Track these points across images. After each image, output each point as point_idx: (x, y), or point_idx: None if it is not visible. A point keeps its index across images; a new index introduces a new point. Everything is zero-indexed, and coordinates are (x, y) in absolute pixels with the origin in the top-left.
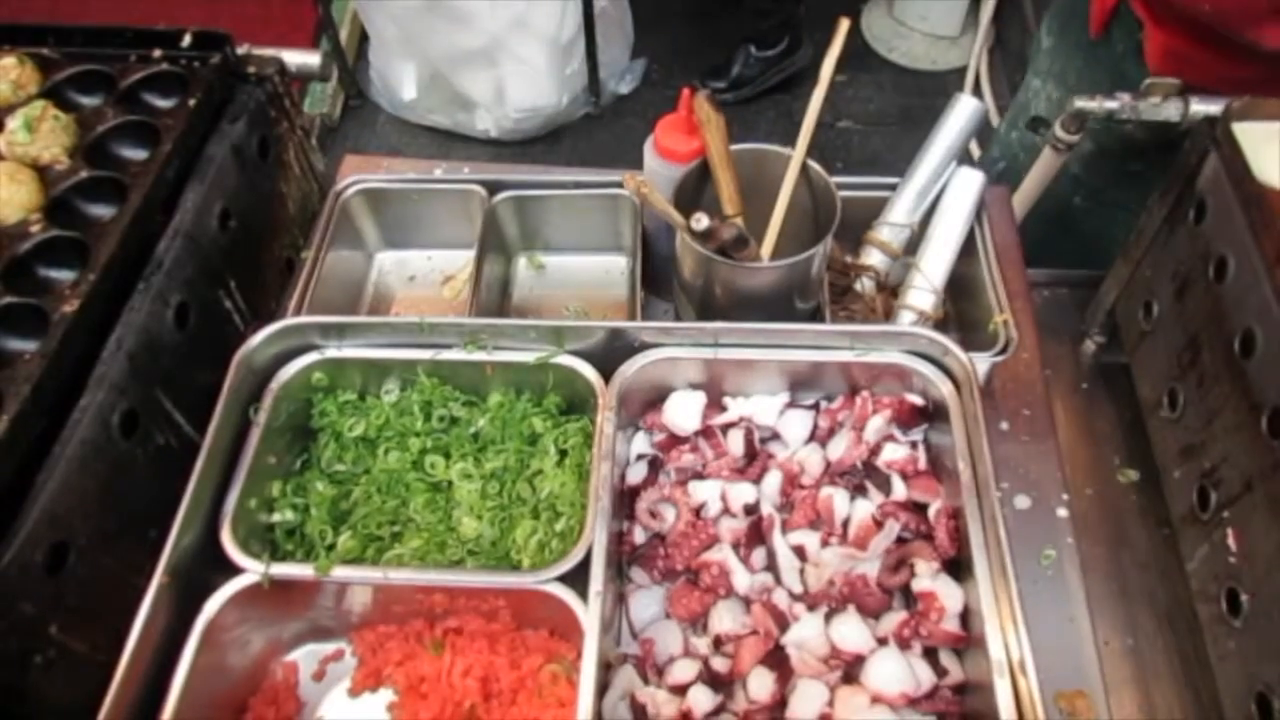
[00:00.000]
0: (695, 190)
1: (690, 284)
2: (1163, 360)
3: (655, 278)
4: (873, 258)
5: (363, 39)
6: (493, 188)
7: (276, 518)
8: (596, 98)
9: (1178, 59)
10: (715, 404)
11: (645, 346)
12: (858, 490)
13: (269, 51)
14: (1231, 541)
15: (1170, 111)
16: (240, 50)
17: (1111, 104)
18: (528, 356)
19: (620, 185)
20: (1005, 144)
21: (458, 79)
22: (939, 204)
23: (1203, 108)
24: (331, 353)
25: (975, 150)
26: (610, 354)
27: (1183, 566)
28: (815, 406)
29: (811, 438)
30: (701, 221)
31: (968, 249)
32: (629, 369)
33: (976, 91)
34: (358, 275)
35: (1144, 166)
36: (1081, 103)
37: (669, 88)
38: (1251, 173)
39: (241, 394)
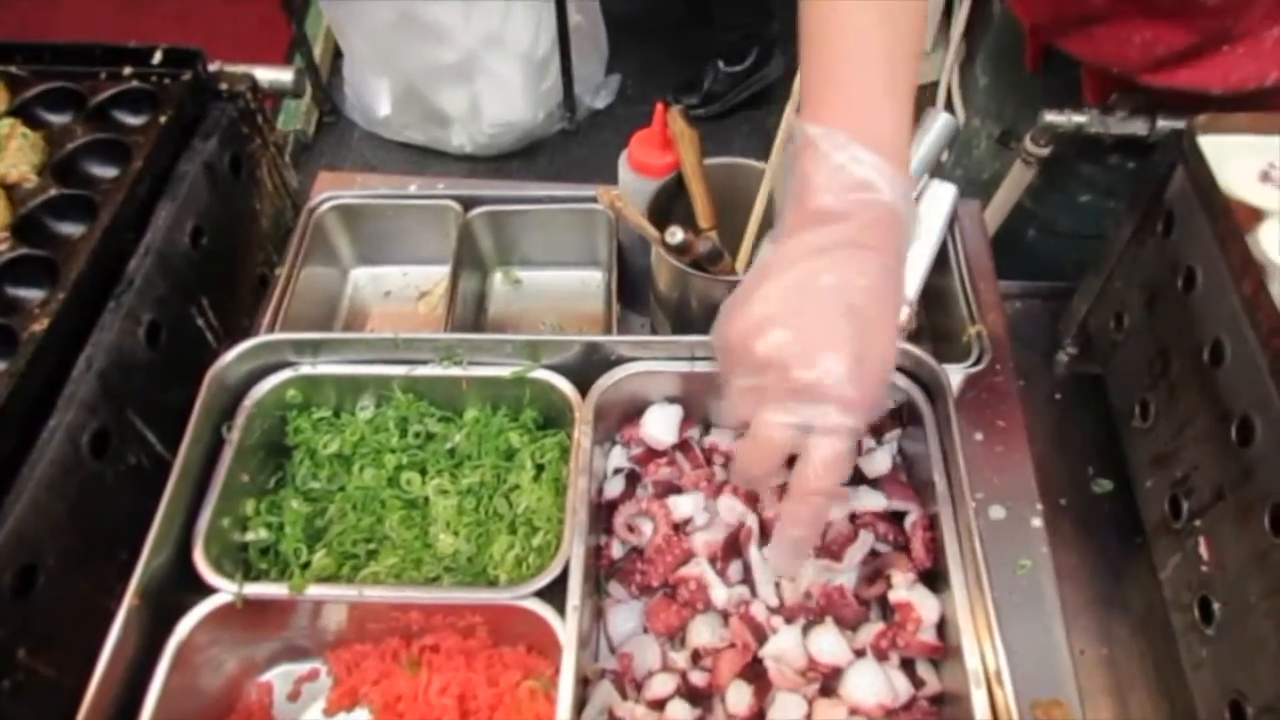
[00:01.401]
0: (669, 204)
1: (666, 298)
2: (1134, 370)
3: (631, 292)
4: None
5: (337, 55)
6: (468, 203)
7: (250, 536)
8: (572, 113)
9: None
10: (693, 417)
11: (622, 360)
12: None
13: (241, 68)
14: (1203, 550)
15: (1138, 126)
16: (212, 67)
17: (1080, 118)
18: (504, 371)
19: (595, 200)
20: (969, 165)
21: (433, 95)
22: None
23: (1169, 122)
24: (306, 369)
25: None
26: (587, 368)
27: (1156, 575)
28: None
29: None
30: (676, 235)
31: (941, 261)
32: (606, 383)
33: (949, 105)
34: (332, 291)
35: (1093, 196)
36: (1051, 116)
37: (644, 103)
38: (1217, 185)
39: (214, 412)
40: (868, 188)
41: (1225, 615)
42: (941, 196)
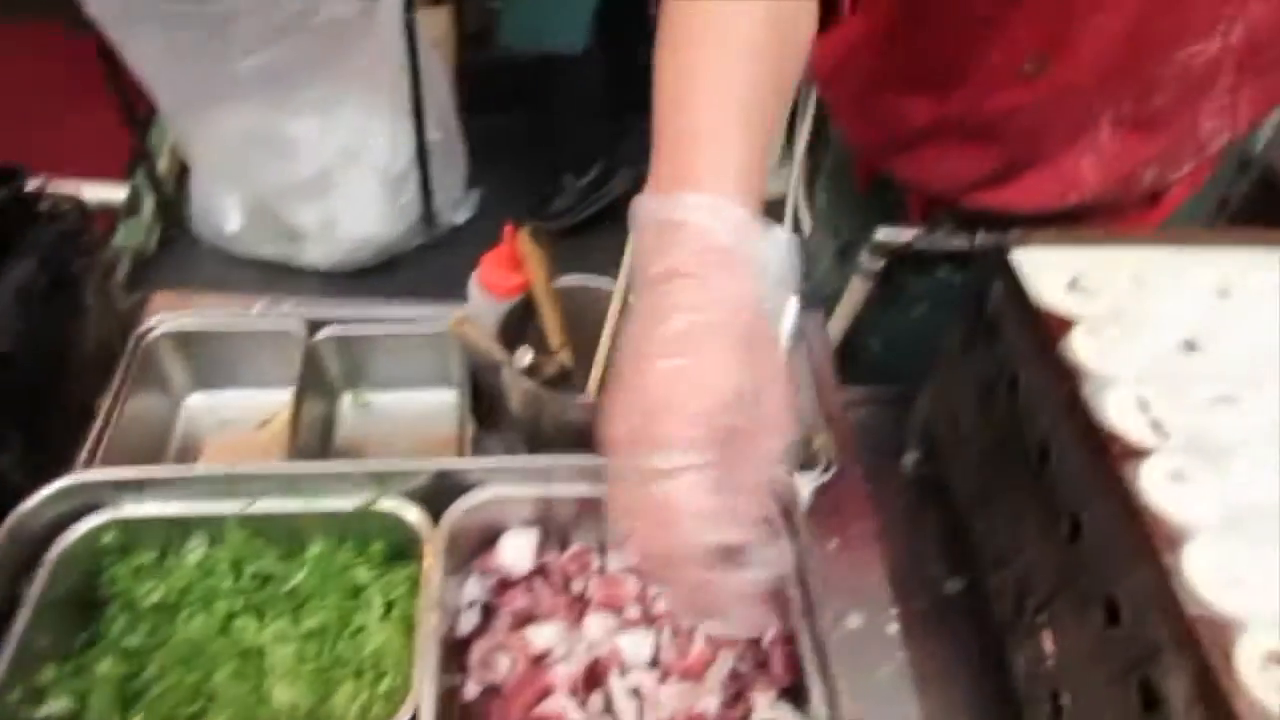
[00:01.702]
0: (522, 324)
1: (520, 419)
2: (973, 472)
3: (486, 413)
4: None
5: (184, 168)
6: (314, 324)
7: (45, 710)
8: (431, 227)
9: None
10: (550, 542)
11: (475, 485)
12: None
13: (68, 185)
14: (1048, 644)
15: (960, 242)
16: (35, 183)
17: (909, 234)
18: (350, 503)
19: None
20: (813, 281)
21: (286, 210)
22: None
23: (987, 238)
24: (128, 511)
25: None
26: (439, 495)
27: (1010, 671)
28: None
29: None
30: (524, 357)
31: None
32: (458, 510)
33: (796, 217)
34: (162, 422)
35: (927, 308)
36: (882, 233)
37: (504, 217)
38: (1030, 297)
39: (10, 566)
40: (684, 229)
41: (1074, 707)
42: (786, 309)
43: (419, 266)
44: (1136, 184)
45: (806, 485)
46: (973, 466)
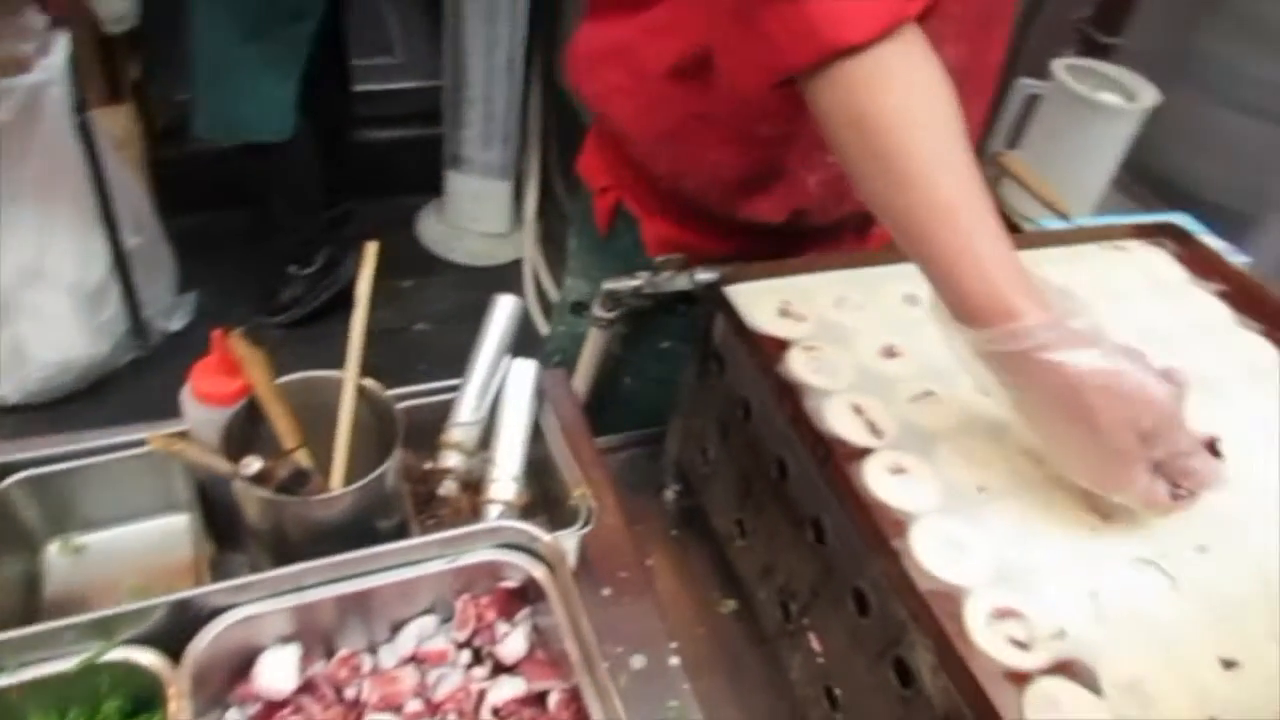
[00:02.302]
0: (250, 429)
1: (260, 530)
2: (726, 497)
3: (224, 531)
4: (450, 460)
5: None
6: (3, 470)
7: None
8: (143, 340)
9: (671, 245)
10: (313, 653)
11: (219, 611)
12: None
13: None
14: (815, 644)
15: (682, 282)
16: None
17: (634, 282)
18: (69, 663)
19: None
20: (557, 336)
21: None
22: (501, 397)
23: (706, 275)
24: None
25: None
26: (180, 630)
27: (788, 678)
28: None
29: (413, 658)
30: (251, 465)
31: (538, 433)
32: (202, 642)
33: (536, 279)
34: None
35: (673, 342)
36: (610, 284)
37: (227, 318)
38: (747, 326)
39: None
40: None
41: (846, 699)
42: (523, 372)
43: (134, 385)
44: (849, 200)
45: (570, 540)
46: (724, 492)
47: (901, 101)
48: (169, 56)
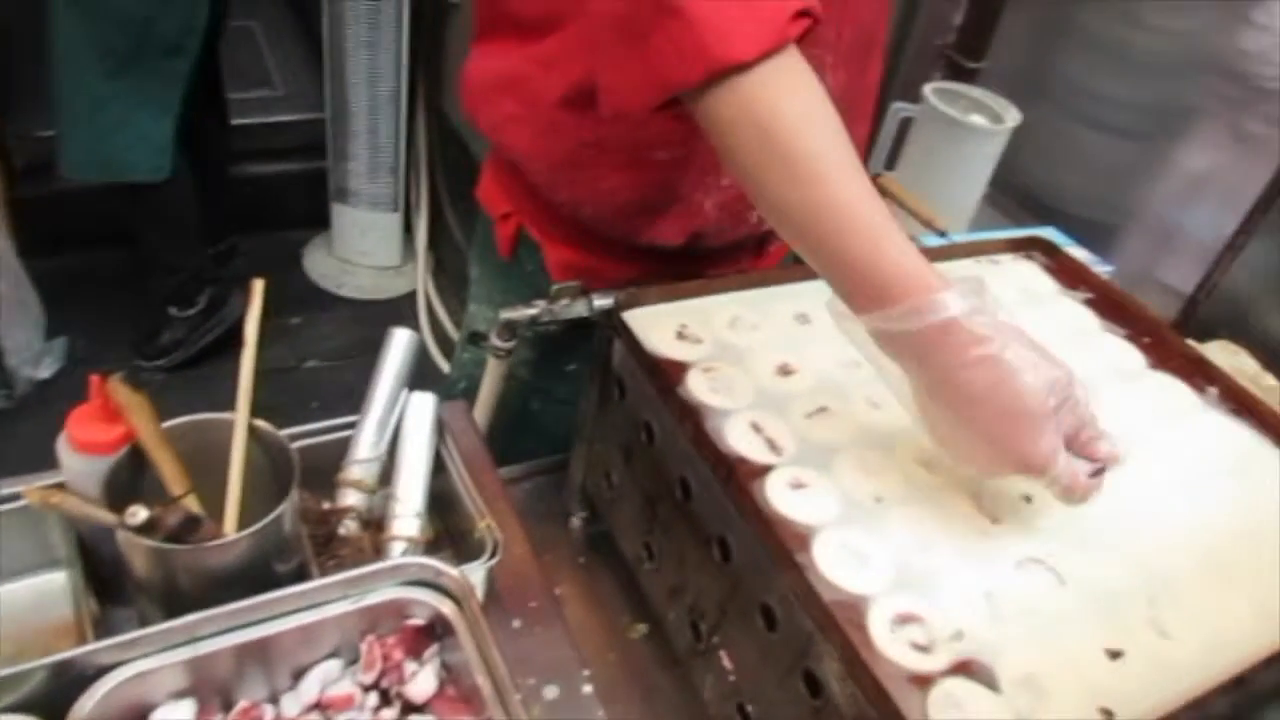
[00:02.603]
0: (134, 478)
1: (149, 582)
2: (632, 520)
3: (108, 586)
4: (350, 498)
5: None
6: None
7: None
8: (8, 390)
9: (574, 270)
10: (210, 707)
11: (105, 670)
12: None
13: None
14: (727, 662)
15: (580, 309)
16: None
17: (531, 310)
18: None
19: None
20: (460, 364)
21: None
22: (400, 431)
23: (602, 301)
24: None
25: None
26: (62, 693)
27: (701, 698)
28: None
29: (318, 705)
30: (137, 515)
31: (440, 466)
32: (86, 704)
33: (431, 312)
34: None
35: (578, 364)
36: (506, 314)
37: (102, 363)
38: (645, 349)
39: None
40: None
41: (759, 713)
42: (422, 406)
43: (1, 437)
44: (746, 222)
45: (477, 574)
46: (630, 516)
47: (802, 108)
48: (29, 90)
